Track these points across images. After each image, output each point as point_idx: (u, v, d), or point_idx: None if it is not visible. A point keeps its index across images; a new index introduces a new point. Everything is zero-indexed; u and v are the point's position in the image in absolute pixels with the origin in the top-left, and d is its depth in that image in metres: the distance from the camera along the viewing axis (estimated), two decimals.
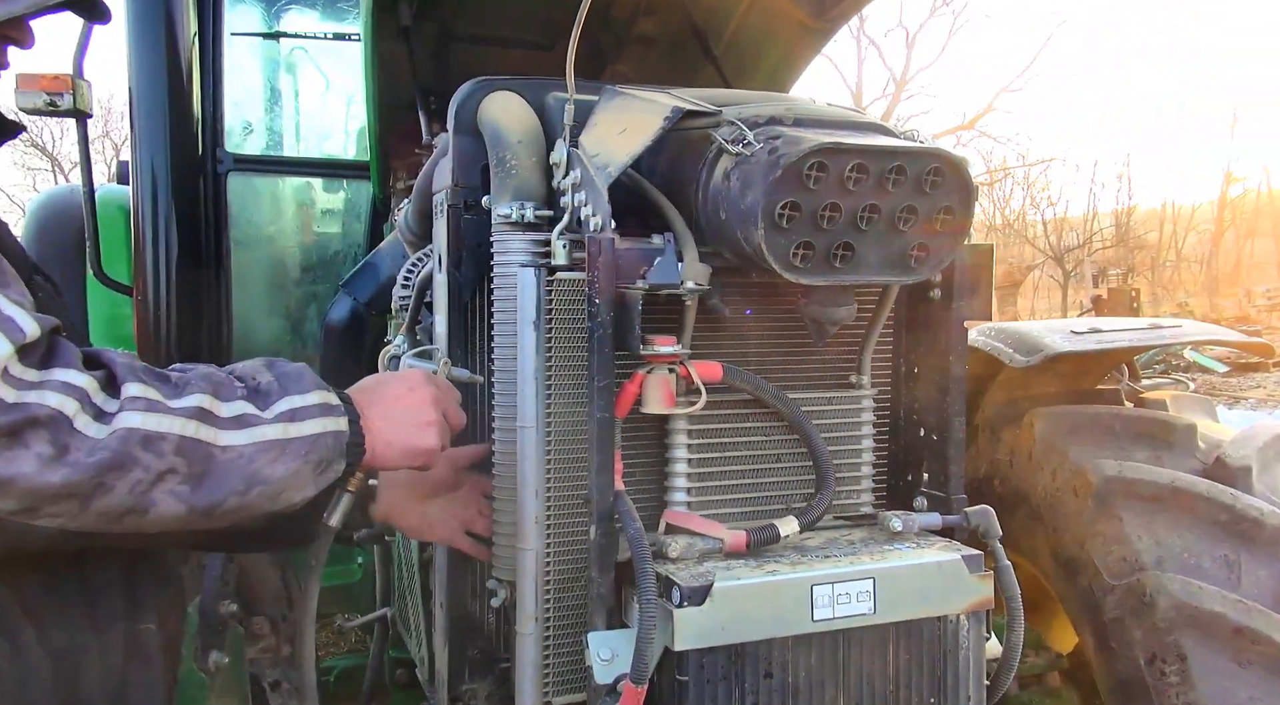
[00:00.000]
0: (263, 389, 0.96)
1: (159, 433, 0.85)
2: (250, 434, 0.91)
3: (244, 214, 3.05)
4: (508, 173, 1.31)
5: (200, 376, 0.91)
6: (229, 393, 0.92)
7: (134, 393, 0.85)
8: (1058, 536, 1.95)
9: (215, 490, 0.88)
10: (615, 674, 1.13)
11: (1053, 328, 2.09)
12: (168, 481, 0.85)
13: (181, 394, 0.88)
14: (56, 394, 0.80)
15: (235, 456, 0.90)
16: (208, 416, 0.89)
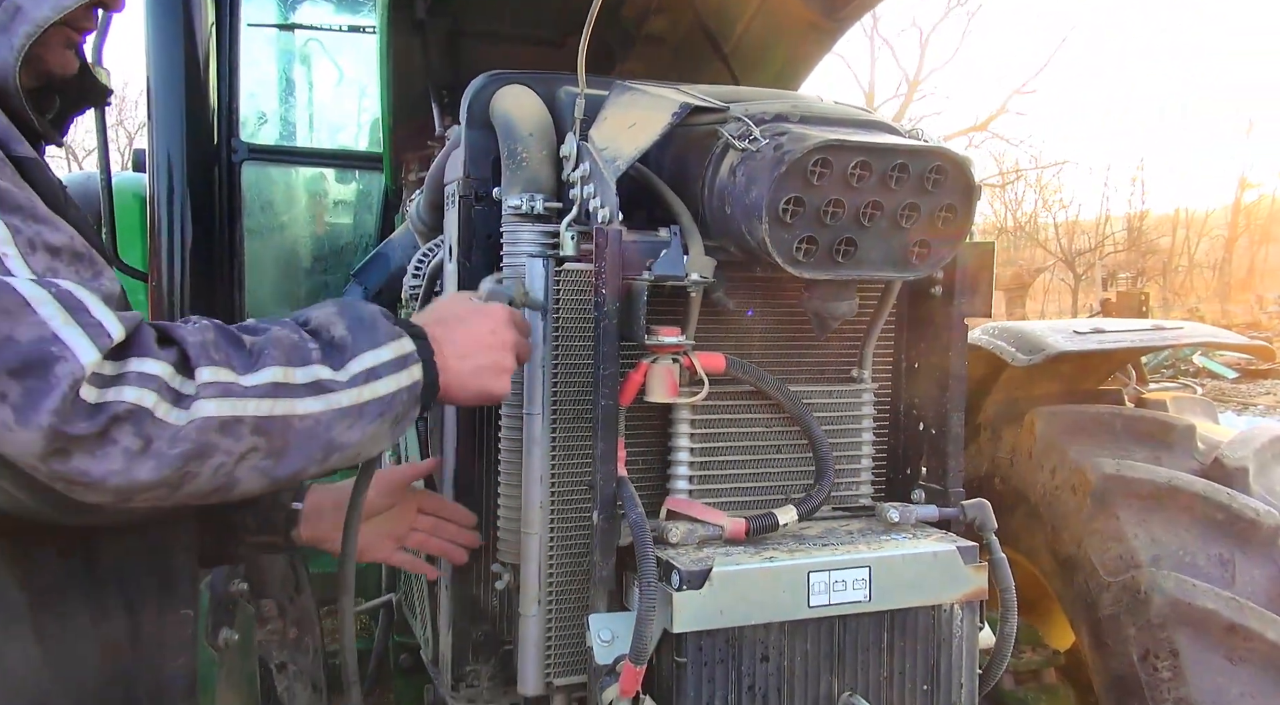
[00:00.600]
0: (337, 343, 0.95)
1: (235, 417, 0.86)
2: (326, 400, 0.92)
3: (257, 203, 3.09)
4: (518, 165, 1.34)
5: (274, 342, 0.91)
6: (303, 356, 0.92)
7: (207, 378, 0.86)
8: (1056, 534, 1.97)
9: (295, 461, 0.90)
10: (615, 655, 1.15)
11: (1056, 327, 2.11)
12: (249, 459, 0.87)
13: (255, 367, 0.89)
14: (135, 388, 0.81)
15: (313, 425, 0.91)
16: (282, 390, 0.89)
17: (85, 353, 0.80)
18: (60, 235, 0.85)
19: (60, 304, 0.80)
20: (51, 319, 0.79)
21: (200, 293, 2.86)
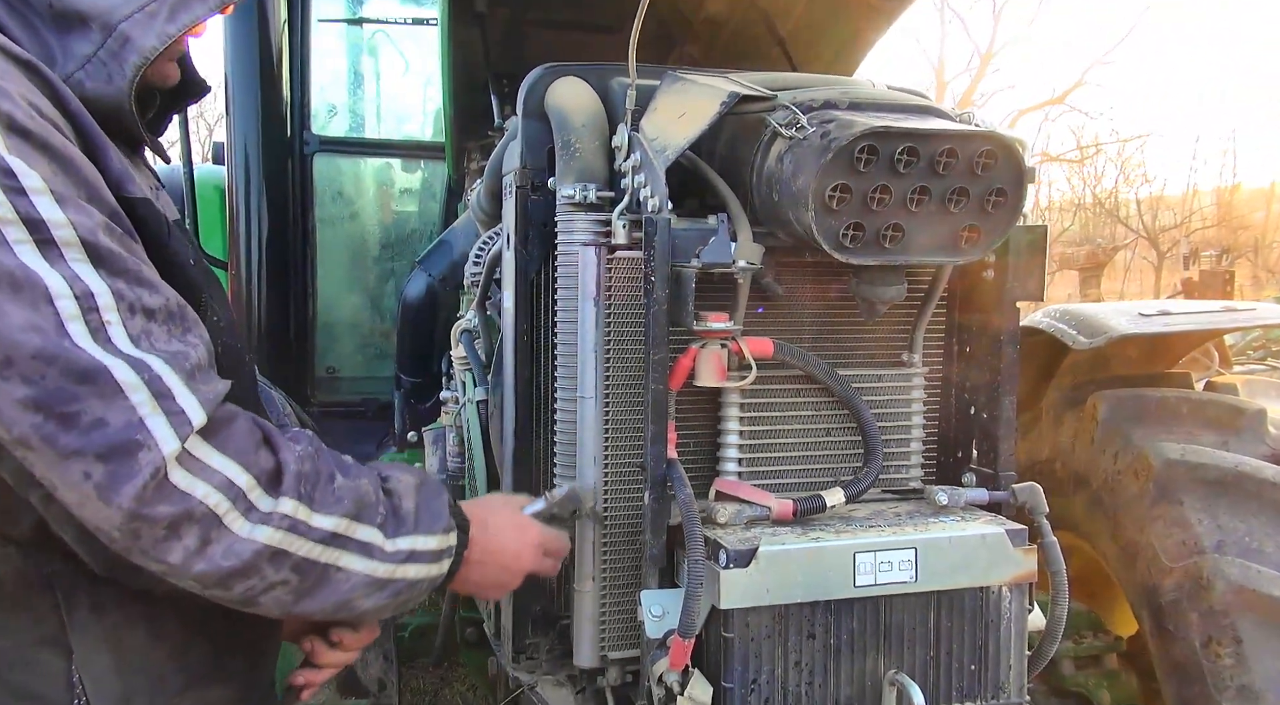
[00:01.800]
0: (400, 515, 1.02)
1: (287, 552, 0.92)
2: (365, 564, 0.98)
3: (328, 193, 3.21)
4: (572, 156, 1.38)
5: (354, 494, 0.97)
6: (369, 516, 0.99)
7: (285, 510, 0.91)
8: (1117, 520, 1.94)
9: (311, 604, 0.96)
10: (665, 629, 1.20)
11: (1120, 310, 2.07)
12: (276, 590, 0.93)
13: (325, 511, 0.94)
14: (216, 492, 0.86)
15: (343, 580, 0.97)
16: (337, 540, 0.95)
17: (167, 442, 0.84)
18: (157, 297, 0.89)
19: (150, 391, 0.84)
20: (141, 406, 0.83)
21: (276, 280, 2.99)
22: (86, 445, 0.81)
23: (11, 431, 0.81)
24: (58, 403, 0.81)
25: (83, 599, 0.96)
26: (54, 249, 0.82)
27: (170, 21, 0.96)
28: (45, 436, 0.81)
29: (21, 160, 0.82)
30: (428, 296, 2.73)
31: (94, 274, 0.84)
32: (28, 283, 0.80)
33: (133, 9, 0.95)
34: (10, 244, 0.80)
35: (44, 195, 0.82)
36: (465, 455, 2.04)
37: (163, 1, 0.96)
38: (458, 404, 2.13)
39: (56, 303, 0.81)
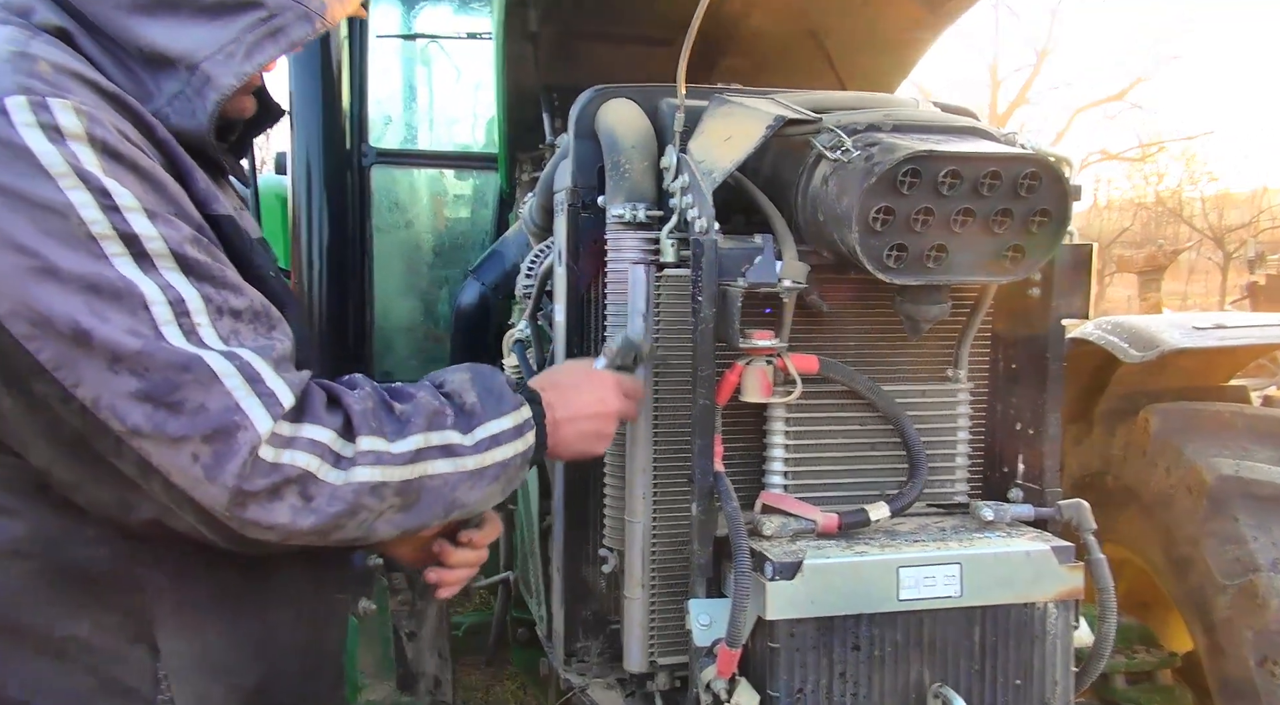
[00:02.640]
0: (467, 410, 1.09)
1: (384, 482, 1.00)
2: (454, 463, 1.05)
3: (385, 203, 3.30)
4: (621, 176, 1.42)
5: (419, 411, 1.05)
6: (440, 422, 1.06)
7: (365, 446, 0.99)
8: (1169, 534, 1.93)
9: (423, 515, 1.04)
10: (713, 638, 1.23)
11: (1174, 322, 2.04)
12: (386, 515, 1.01)
13: (404, 434, 1.02)
14: (305, 453, 0.95)
15: (440, 484, 1.04)
16: (422, 454, 1.03)
17: (262, 422, 0.92)
18: (243, 299, 0.98)
19: (243, 376, 0.92)
20: (236, 391, 0.92)
21: (335, 286, 3.09)
22: (192, 429, 0.89)
23: (126, 422, 0.88)
24: (163, 393, 0.89)
25: (167, 598, 1.03)
26: (147, 260, 0.91)
27: (246, 61, 1.04)
28: (156, 424, 0.89)
29: (115, 181, 0.90)
30: (480, 305, 2.80)
31: (184, 281, 0.92)
32: (126, 291, 0.89)
33: (212, 50, 1.02)
34: (109, 257, 0.89)
35: (137, 211, 0.91)
36: None
37: (239, 43, 1.03)
38: None
39: (152, 308, 0.90)
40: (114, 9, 1.00)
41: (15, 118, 0.87)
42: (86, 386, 0.88)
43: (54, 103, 0.89)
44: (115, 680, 1.01)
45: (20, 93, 0.89)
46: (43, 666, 0.98)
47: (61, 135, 0.89)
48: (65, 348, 0.87)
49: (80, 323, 0.87)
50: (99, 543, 0.99)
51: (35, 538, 0.97)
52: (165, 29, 1.01)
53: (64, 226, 0.87)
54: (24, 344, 0.87)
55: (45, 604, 0.98)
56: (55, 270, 0.87)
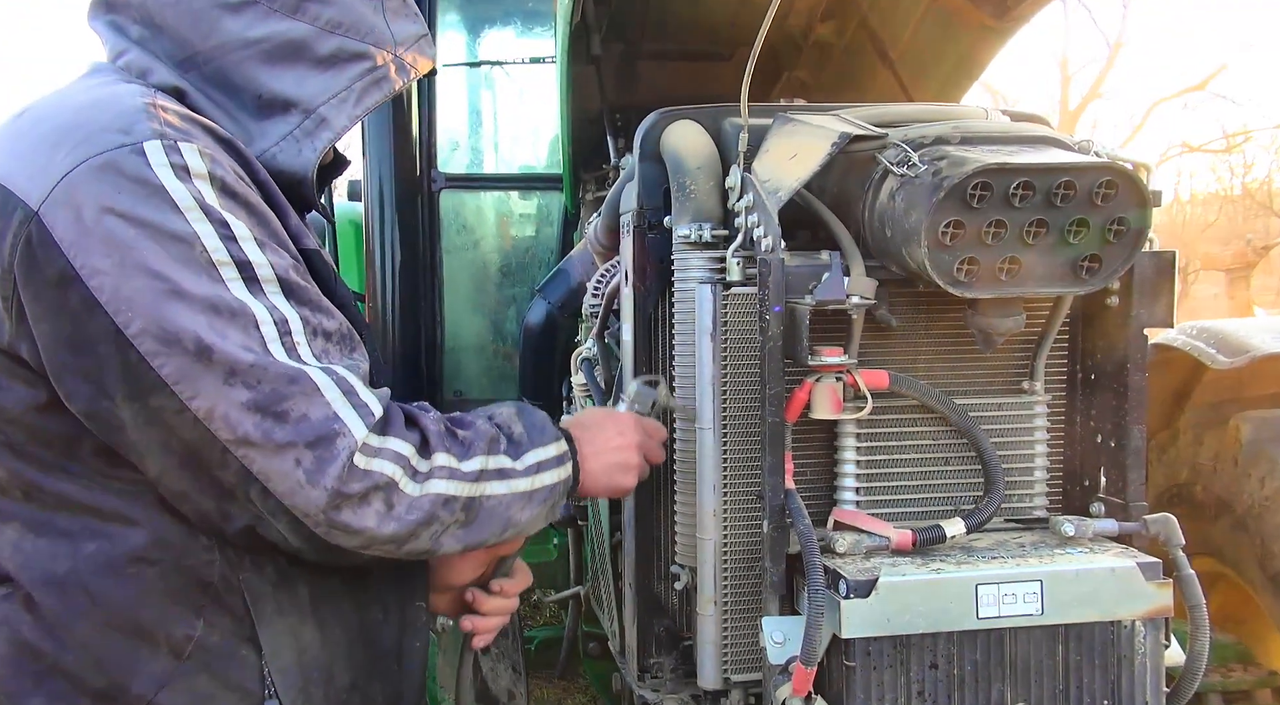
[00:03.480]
0: (515, 439, 1.18)
1: (454, 496, 1.09)
2: (508, 485, 1.15)
3: (454, 226, 3.39)
4: (687, 197, 1.44)
5: (480, 436, 1.14)
6: (496, 448, 1.15)
7: (440, 462, 1.08)
8: (1266, 548, 1.85)
9: (480, 533, 1.13)
10: (787, 656, 1.23)
11: (1264, 326, 1.97)
12: (451, 529, 1.10)
13: (468, 456, 1.11)
14: (390, 463, 1.03)
15: (496, 504, 1.13)
16: (484, 475, 1.12)
17: (358, 430, 1.01)
18: (333, 321, 1.08)
19: (339, 389, 1.02)
20: (334, 401, 1.01)
21: (407, 308, 3.18)
22: (297, 437, 0.98)
23: (236, 431, 0.97)
24: (272, 403, 0.98)
25: (268, 602, 1.10)
26: (257, 284, 1.01)
27: (356, 106, 1.17)
28: (264, 432, 0.97)
29: (231, 214, 1.01)
30: (547, 323, 2.84)
31: (286, 304, 1.02)
32: (241, 312, 0.99)
33: (330, 96, 1.15)
34: (225, 281, 0.99)
35: (250, 241, 1.01)
36: None
37: (350, 90, 1.17)
38: None
39: (261, 328, 0.99)
40: (242, 61, 1.12)
41: (152, 159, 0.98)
42: (203, 398, 0.96)
43: (184, 146, 1.00)
44: (229, 678, 1.08)
45: (156, 137, 0.99)
46: (167, 664, 1.06)
47: (189, 174, 0.99)
48: (188, 362, 0.95)
49: (203, 339, 0.96)
50: (210, 550, 1.07)
51: (156, 545, 1.05)
52: (288, 77, 1.13)
53: (189, 254, 0.97)
54: (149, 360, 0.95)
55: (167, 606, 1.05)
56: (183, 293, 0.96)
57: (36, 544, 1.05)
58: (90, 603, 1.04)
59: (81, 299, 0.95)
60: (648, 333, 1.55)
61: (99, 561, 1.04)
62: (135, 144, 0.98)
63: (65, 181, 0.96)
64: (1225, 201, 20.98)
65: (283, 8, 1.13)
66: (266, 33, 1.12)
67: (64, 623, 1.04)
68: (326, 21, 1.15)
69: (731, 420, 1.38)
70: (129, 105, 1.02)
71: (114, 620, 1.04)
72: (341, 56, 1.16)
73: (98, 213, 0.95)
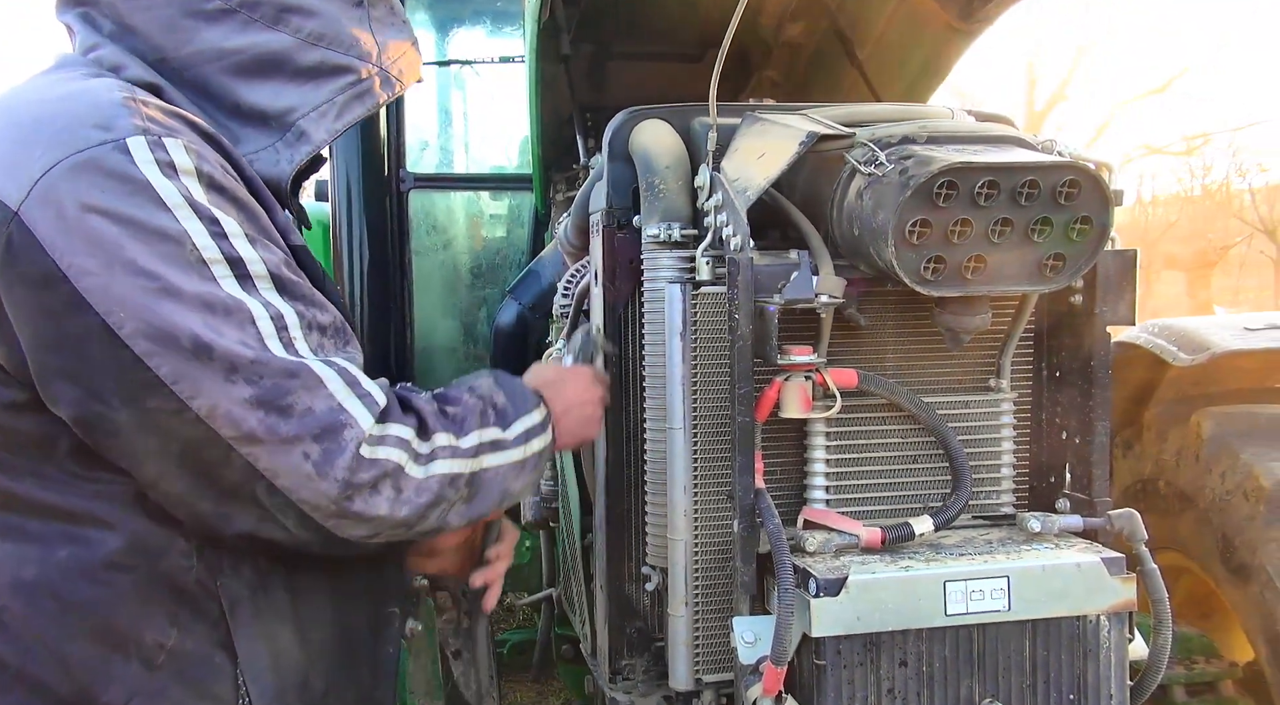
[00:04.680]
0: (500, 409, 1.18)
1: (458, 474, 1.09)
2: (504, 456, 1.15)
3: (423, 226, 3.36)
4: (656, 196, 1.43)
5: (469, 411, 1.14)
6: (486, 420, 1.15)
7: (441, 442, 1.08)
8: (1228, 541, 1.88)
9: (483, 505, 1.14)
10: (758, 655, 1.23)
11: (1223, 324, 2.00)
12: (457, 506, 1.10)
13: (464, 432, 1.11)
14: (395, 449, 1.03)
15: (493, 476, 1.14)
16: (480, 449, 1.12)
17: (364, 420, 1.01)
18: (327, 315, 1.06)
19: (342, 380, 1.01)
20: (338, 393, 1.00)
21: (377, 308, 3.15)
22: (303, 430, 0.97)
23: (241, 428, 0.95)
24: (275, 397, 0.96)
25: (245, 607, 1.07)
26: (249, 281, 0.99)
27: (337, 120, 1.15)
28: (269, 427, 0.96)
29: (220, 211, 0.99)
30: (519, 324, 2.83)
31: (280, 299, 1.01)
32: (236, 308, 0.97)
33: (310, 108, 1.14)
34: (217, 279, 0.97)
35: (240, 238, 0.99)
36: (558, 479, 2.12)
37: (332, 104, 1.15)
38: None
39: (258, 323, 0.98)
40: (217, 72, 1.10)
41: (136, 156, 0.95)
42: (204, 397, 0.94)
43: (168, 141, 0.97)
44: (202, 686, 1.05)
45: (139, 133, 0.96)
46: (138, 672, 1.03)
47: (175, 171, 0.97)
48: (185, 361, 0.93)
49: (200, 337, 0.94)
50: (188, 555, 1.04)
51: (132, 550, 1.02)
52: (265, 90, 1.11)
53: (179, 252, 0.95)
54: (145, 360, 0.93)
55: (140, 613, 1.03)
56: (176, 291, 0.94)
57: (3, 548, 1.01)
58: (60, 609, 1.00)
59: (68, 299, 0.92)
60: (618, 333, 1.54)
61: (71, 567, 1.00)
62: (118, 140, 0.95)
63: (45, 180, 0.93)
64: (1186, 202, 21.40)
65: (263, 18, 1.11)
66: (245, 43, 1.10)
67: (31, 630, 1.01)
68: (309, 33, 1.13)
69: (702, 420, 1.37)
70: (106, 99, 0.99)
71: (84, 627, 1.01)
72: (323, 69, 1.13)
73: (81, 211, 0.92)
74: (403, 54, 1.21)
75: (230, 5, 1.10)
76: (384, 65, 1.18)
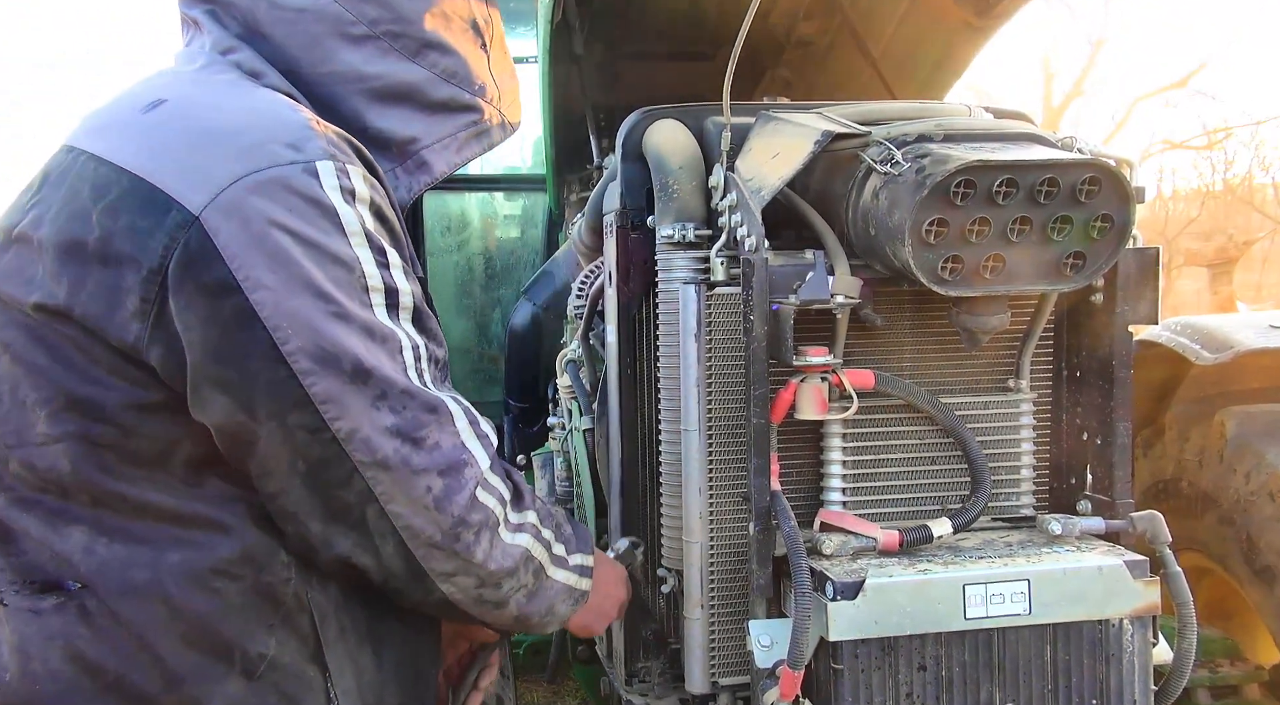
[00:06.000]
0: (565, 535, 1.20)
1: (534, 557, 1.11)
2: (563, 575, 1.18)
3: (438, 228, 3.36)
4: (670, 196, 1.42)
5: (547, 514, 1.16)
6: (557, 534, 1.18)
7: (531, 520, 1.11)
8: (1252, 543, 1.85)
9: (534, 608, 1.15)
10: (774, 659, 1.22)
11: (1248, 322, 1.97)
12: (519, 593, 1.12)
13: (546, 523, 1.14)
14: (495, 500, 1.05)
15: (550, 586, 1.16)
16: (552, 554, 1.15)
17: (483, 461, 1.04)
18: (442, 350, 1.09)
19: (467, 419, 1.04)
20: (463, 431, 1.03)
21: None
22: (431, 464, 1.00)
23: (375, 455, 0.97)
24: (413, 429, 0.99)
25: (332, 623, 1.08)
26: (396, 312, 1.02)
27: (456, 155, 1.19)
28: (403, 457, 0.98)
29: (385, 241, 1.02)
30: (533, 325, 2.83)
31: (415, 331, 1.04)
32: (390, 337, 1.00)
33: (434, 140, 1.17)
34: (373, 306, 1.00)
35: (399, 269, 1.03)
36: (573, 480, 2.11)
37: (454, 139, 1.18)
38: (564, 430, 2.20)
39: (404, 353, 1.01)
40: (351, 93, 1.12)
41: (324, 180, 0.98)
42: (348, 419, 0.96)
43: (351, 170, 1.00)
44: (296, 698, 1.06)
45: (328, 158, 0.99)
46: (239, 683, 1.03)
47: (354, 198, 1.00)
48: (341, 383, 0.96)
49: (363, 361, 0.97)
50: (288, 567, 1.05)
51: (244, 558, 1.02)
52: (394, 117, 1.14)
53: (350, 278, 0.98)
54: (300, 378, 0.95)
55: (244, 622, 1.03)
56: (346, 315, 0.97)
57: (112, 549, 1.00)
58: (170, 615, 1.00)
59: (238, 310, 0.93)
60: (632, 334, 1.53)
61: (183, 571, 1.00)
62: (308, 162, 0.97)
63: (233, 190, 0.94)
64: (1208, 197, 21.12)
65: (404, 49, 1.13)
66: (383, 70, 1.12)
67: (138, 635, 1.00)
68: (443, 70, 1.16)
69: (717, 422, 1.36)
70: (293, 119, 1.01)
71: (192, 634, 1.01)
72: (452, 106, 1.17)
73: (267, 226, 0.94)
74: (514, 100, 1.25)
75: (375, 32, 1.12)
76: (501, 108, 1.23)
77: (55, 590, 1.01)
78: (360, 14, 1.11)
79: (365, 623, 1.11)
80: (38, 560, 1.01)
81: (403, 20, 1.13)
